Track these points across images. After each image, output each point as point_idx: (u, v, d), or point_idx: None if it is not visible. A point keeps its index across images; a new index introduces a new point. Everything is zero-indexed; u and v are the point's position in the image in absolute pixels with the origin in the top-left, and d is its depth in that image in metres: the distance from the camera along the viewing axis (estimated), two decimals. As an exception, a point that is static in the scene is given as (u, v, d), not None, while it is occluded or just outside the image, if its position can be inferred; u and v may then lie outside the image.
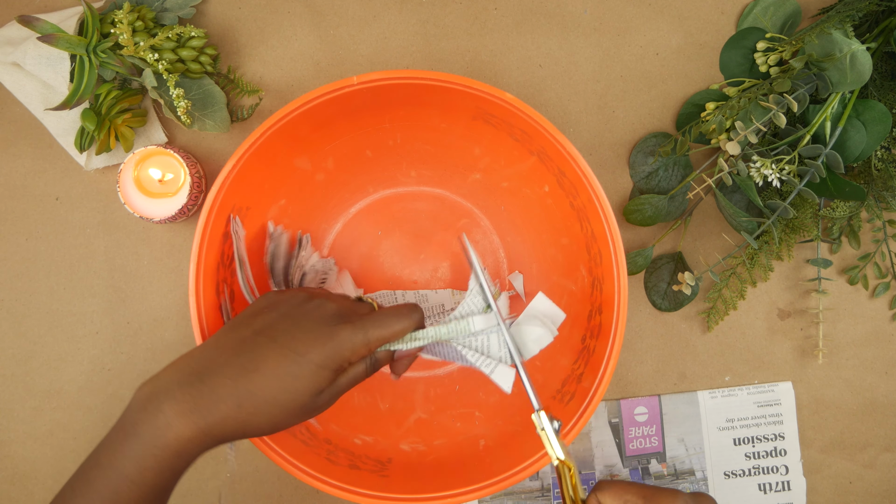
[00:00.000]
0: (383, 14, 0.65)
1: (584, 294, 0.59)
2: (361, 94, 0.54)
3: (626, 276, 0.53)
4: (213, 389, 0.41)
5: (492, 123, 0.58)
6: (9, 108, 0.64)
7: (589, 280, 0.58)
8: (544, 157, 0.57)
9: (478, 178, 0.64)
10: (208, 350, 0.44)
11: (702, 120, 0.61)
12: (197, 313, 0.52)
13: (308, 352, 0.43)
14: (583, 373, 0.56)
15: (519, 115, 0.53)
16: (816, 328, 0.65)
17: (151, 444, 0.40)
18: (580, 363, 0.57)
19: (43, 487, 0.65)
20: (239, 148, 0.53)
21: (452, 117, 0.59)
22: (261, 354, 0.43)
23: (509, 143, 0.59)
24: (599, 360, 0.54)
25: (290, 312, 0.46)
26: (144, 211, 0.61)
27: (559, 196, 0.59)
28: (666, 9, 0.65)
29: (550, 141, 0.53)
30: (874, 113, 0.56)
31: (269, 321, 0.46)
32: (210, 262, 0.54)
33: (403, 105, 0.57)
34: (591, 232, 0.56)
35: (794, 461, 0.67)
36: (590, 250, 0.57)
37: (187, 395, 0.41)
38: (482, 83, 0.52)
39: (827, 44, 0.54)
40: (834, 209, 0.60)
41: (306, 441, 0.56)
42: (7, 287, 0.65)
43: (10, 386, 0.65)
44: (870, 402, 0.66)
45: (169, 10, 0.62)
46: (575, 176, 0.54)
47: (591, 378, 0.54)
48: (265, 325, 0.45)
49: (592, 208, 0.54)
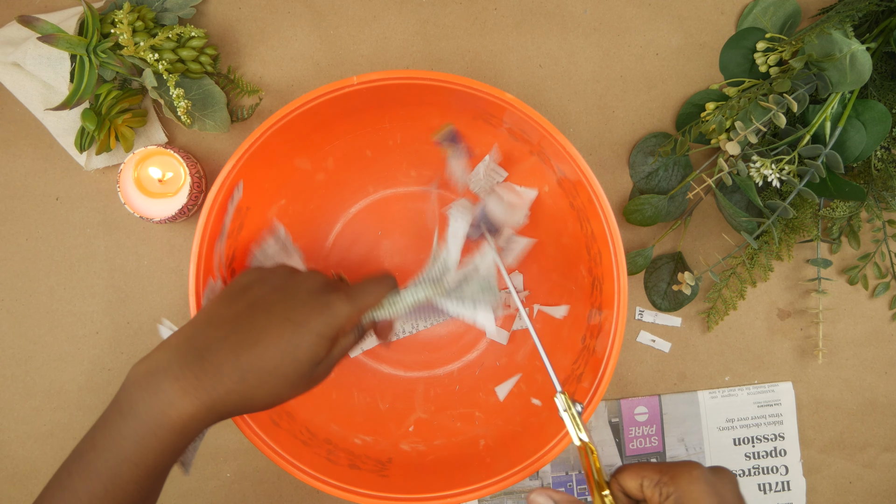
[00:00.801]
0: (383, 14, 0.65)
1: (584, 294, 0.59)
2: (361, 95, 0.54)
3: (626, 276, 0.53)
4: (214, 365, 0.41)
5: (492, 123, 0.58)
6: (9, 108, 0.64)
7: (589, 280, 0.58)
8: (544, 158, 0.57)
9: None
10: (202, 326, 0.44)
11: (702, 120, 0.61)
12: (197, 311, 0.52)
13: (307, 322, 0.44)
14: (583, 373, 0.56)
15: (519, 114, 0.53)
16: (816, 328, 0.65)
17: (153, 423, 0.40)
18: (580, 363, 0.57)
19: (43, 487, 0.65)
20: (239, 148, 0.53)
21: (452, 117, 0.59)
22: (260, 326, 0.43)
23: (509, 142, 0.59)
24: (599, 360, 0.54)
25: (282, 285, 0.47)
26: (144, 211, 0.61)
27: (559, 196, 0.59)
28: (666, 9, 0.65)
29: (550, 141, 0.53)
30: (874, 113, 0.56)
31: (261, 294, 0.46)
32: (211, 262, 0.54)
33: (403, 105, 0.57)
34: (591, 232, 0.56)
35: (793, 461, 0.67)
36: (590, 250, 0.57)
37: (188, 372, 0.41)
38: (482, 83, 0.52)
39: (827, 44, 0.54)
40: (834, 209, 0.60)
41: (306, 441, 0.56)
42: (7, 287, 0.65)
43: (10, 386, 0.65)
44: (869, 402, 0.66)
45: (169, 10, 0.62)
46: (575, 176, 0.54)
47: (590, 378, 0.54)
48: (258, 298, 0.45)
49: (592, 208, 0.54)
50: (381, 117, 0.59)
